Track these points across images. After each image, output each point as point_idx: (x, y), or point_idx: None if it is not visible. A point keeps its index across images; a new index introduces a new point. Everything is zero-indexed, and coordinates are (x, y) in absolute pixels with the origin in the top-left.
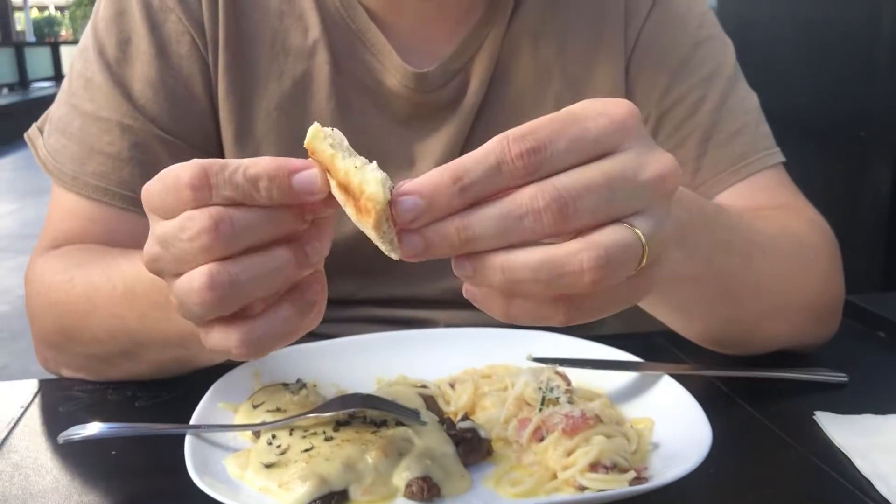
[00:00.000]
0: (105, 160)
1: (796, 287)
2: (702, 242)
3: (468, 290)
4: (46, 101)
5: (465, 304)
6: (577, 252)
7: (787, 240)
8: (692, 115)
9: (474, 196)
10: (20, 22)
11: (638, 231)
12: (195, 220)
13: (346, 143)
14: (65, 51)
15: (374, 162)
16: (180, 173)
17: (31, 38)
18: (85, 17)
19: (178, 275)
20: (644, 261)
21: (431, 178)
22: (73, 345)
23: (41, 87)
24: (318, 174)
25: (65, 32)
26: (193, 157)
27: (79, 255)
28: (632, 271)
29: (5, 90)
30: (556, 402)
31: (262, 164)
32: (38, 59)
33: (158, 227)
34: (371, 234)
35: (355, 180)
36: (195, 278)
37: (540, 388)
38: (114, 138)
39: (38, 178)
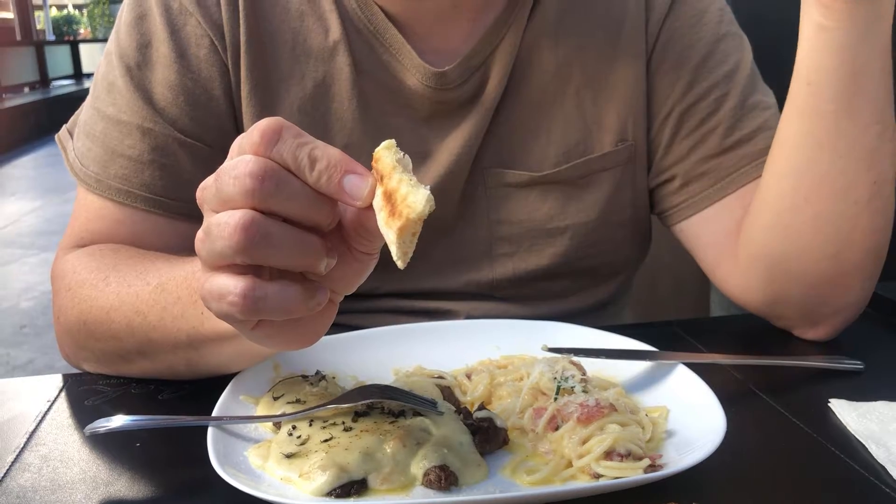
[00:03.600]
0: (127, 163)
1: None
2: None
3: None
4: (66, 100)
5: (487, 296)
6: None
7: None
8: (715, 112)
9: None
10: (40, 21)
11: None
12: (247, 163)
13: (410, 166)
14: (84, 49)
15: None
16: (263, 121)
17: (50, 36)
18: (104, 16)
19: (217, 211)
20: None
21: None
22: (92, 340)
23: (61, 86)
24: (369, 186)
25: (84, 31)
26: (214, 160)
27: (112, 255)
28: None
29: (26, 89)
30: (571, 391)
31: (328, 152)
32: (58, 58)
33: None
34: (390, 237)
35: (403, 189)
36: (236, 216)
37: (555, 378)
38: (134, 142)
39: (59, 176)
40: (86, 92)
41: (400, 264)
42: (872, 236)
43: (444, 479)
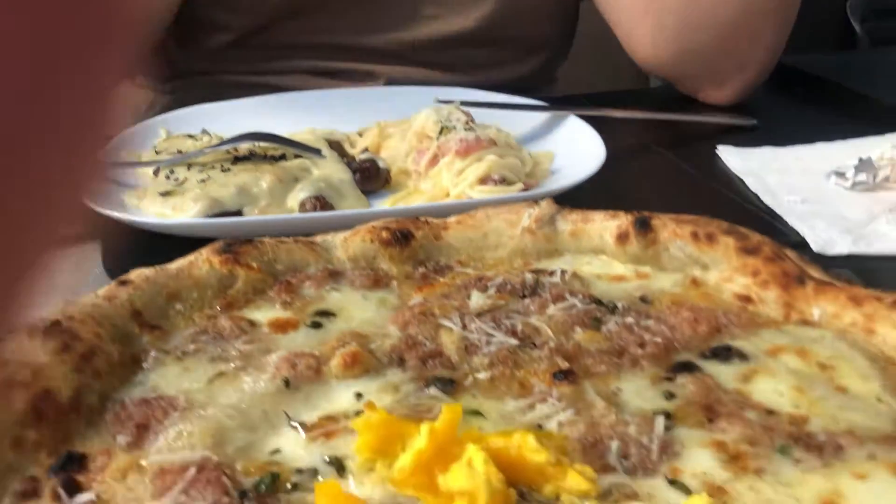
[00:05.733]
0: None
1: None
2: None
3: None
4: None
5: (408, 59)
6: None
7: None
8: None
9: None
10: None
11: None
12: None
13: None
14: None
15: None
16: None
17: None
18: None
19: None
20: None
21: None
22: None
23: None
24: None
25: None
26: None
27: None
28: None
29: None
30: (453, 129)
31: None
32: None
33: None
34: None
35: None
36: None
37: (439, 121)
38: None
39: None
40: None
41: None
42: None
43: (318, 207)
